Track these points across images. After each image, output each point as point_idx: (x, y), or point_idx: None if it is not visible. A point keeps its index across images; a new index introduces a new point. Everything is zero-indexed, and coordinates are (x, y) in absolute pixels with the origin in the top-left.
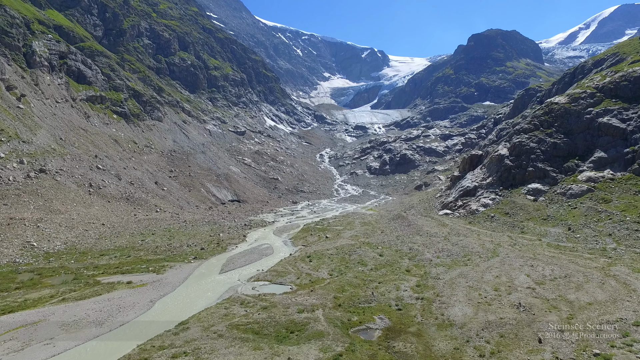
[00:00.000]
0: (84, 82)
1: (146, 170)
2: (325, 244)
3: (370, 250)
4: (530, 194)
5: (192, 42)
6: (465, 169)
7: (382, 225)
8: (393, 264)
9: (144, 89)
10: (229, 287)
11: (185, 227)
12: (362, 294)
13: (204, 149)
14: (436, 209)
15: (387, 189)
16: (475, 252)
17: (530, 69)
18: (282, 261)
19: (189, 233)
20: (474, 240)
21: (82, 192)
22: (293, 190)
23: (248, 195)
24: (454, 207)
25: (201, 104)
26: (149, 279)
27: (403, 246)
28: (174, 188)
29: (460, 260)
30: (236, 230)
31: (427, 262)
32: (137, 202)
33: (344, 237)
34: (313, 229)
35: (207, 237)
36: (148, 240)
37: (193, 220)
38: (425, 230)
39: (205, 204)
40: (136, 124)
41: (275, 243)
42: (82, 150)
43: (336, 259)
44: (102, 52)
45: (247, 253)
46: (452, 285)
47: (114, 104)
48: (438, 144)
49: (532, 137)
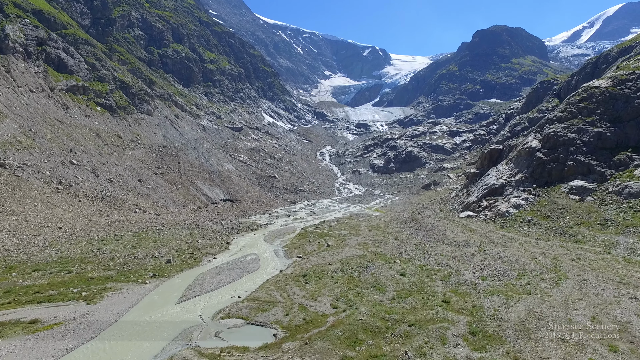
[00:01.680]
0: (64, 71)
1: (129, 166)
2: (326, 255)
3: (385, 265)
4: (573, 192)
5: (187, 34)
6: (484, 165)
7: (393, 229)
8: (422, 288)
9: (132, 80)
10: (181, 332)
11: (160, 232)
12: (388, 353)
13: (196, 145)
14: (455, 210)
15: (392, 188)
16: (530, 271)
17: (536, 66)
18: (269, 282)
19: (162, 239)
20: (518, 252)
21: (48, 190)
22: (291, 189)
23: (242, 195)
24: (478, 209)
25: (195, 99)
26: (70, 313)
27: (428, 259)
28: (160, 186)
29: (516, 284)
30: (220, 236)
31: (469, 285)
32: (114, 202)
33: (350, 246)
34: (312, 234)
35: (182, 244)
36: (106, 249)
37: (173, 222)
38: (451, 237)
39: (194, 204)
40: (123, 117)
41: (265, 253)
42: (55, 144)
43: (341, 279)
44: (87, 40)
45: (224, 268)
46: (529, 334)
47: (98, 95)
48: (445, 141)
49: (570, 127)
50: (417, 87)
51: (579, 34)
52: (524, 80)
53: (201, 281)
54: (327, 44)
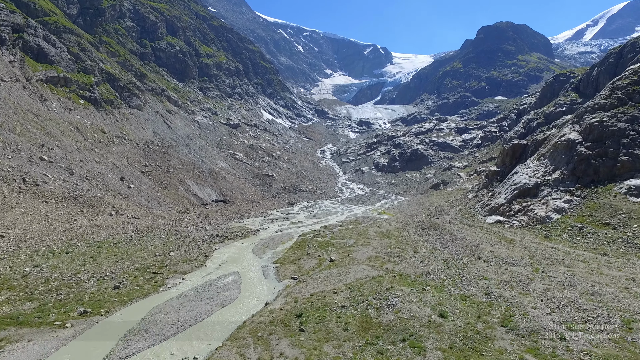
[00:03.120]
0: (44, 61)
1: (112, 163)
2: (329, 275)
3: (412, 295)
4: (633, 194)
5: (182, 27)
6: (505, 162)
7: (409, 237)
8: (480, 345)
9: (121, 73)
10: None
11: (128, 240)
12: None
13: (189, 142)
14: (479, 214)
15: (398, 188)
16: (638, 313)
17: (543, 63)
18: (247, 327)
19: (127, 250)
20: (593, 276)
21: (6, 190)
22: (290, 189)
23: (236, 195)
24: (509, 213)
25: (190, 94)
26: None
27: (468, 285)
28: (144, 185)
29: (635, 343)
30: (200, 246)
31: (556, 341)
32: (88, 203)
33: (359, 261)
34: (311, 244)
35: (148, 258)
36: (45, 267)
37: (150, 228)
38: (487, 250)
39: (182, 205)
40: (109, 112)
41: (250, 271)
42: (25, 138)
43: (353, 322)
44: (72, 29)
45: (191, 298)
46: None
47: (81, 87)
48: (453, 138)
49: (619, 115)
50: (420, 85)
51: (582, 33)
52: (530, 77)
53: (150, 322)
54: (328, 43)
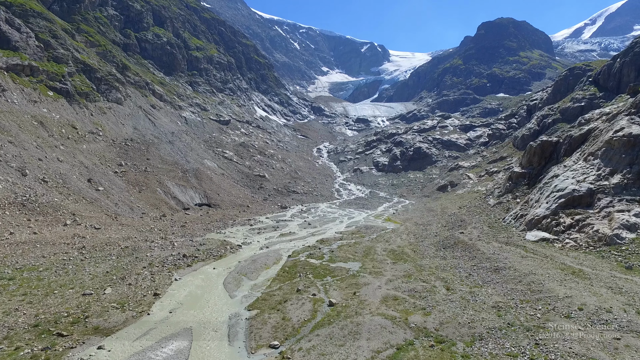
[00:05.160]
0: (6, 46)
1: (79, 162)
2: (328, 345)
3: None
4: None
5: (170, 18)
6: (532, 162)
7: (430, 260)
8: None
9: (100, 64)
10: None
11: (63, 266)
12: None
13: (173, 139)
14: (513, 227)
15: (400, 190)
16: None
17: (545, 60)
18: None
19: (51, 284)
20: None
21: None
22: (283, 191)
23: (222, 198)
24: (556, 228)
25: (178, 88)
26: None
27: None
28: (116, 187)
29: None
30: (154, 274)
31: None
32: (40, 210)
33: (371, 307)
34: (303, 270)
35: (72, 299)
36: None
37: (103, 244)
38: (555, 291)
39: (159, 210)
40: (83, 105)
41: (208, 330)
42: None
43: None
44: (42, 13)
45: None
46: None
47: (51, 78)
48: (458, 136)
49: None
50: (418, 82)
51: (580, 31)
52: (533, 74)
53: None
54: (324, 40)
